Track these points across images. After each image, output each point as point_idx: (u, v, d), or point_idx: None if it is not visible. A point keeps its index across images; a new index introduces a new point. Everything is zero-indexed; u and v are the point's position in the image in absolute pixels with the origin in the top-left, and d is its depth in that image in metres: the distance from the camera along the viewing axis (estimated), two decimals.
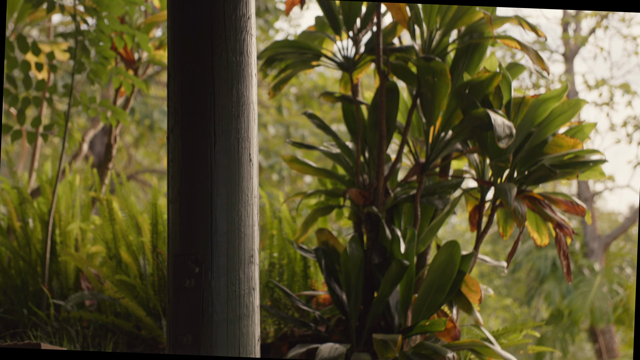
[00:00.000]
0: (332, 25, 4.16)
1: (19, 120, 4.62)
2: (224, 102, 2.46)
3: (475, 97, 3.79)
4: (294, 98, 13.81)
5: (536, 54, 3.74)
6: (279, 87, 4.23)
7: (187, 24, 2.49)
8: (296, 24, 15.16)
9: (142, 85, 4.59)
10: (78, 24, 4.46)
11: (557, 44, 14.62)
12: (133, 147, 15.40)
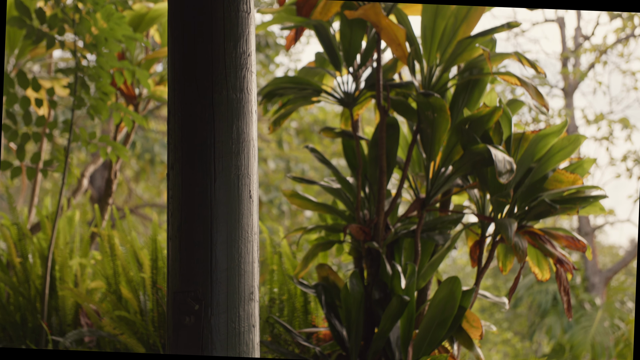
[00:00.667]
0: (332, 61, 4.17)
1: (19, 156, 4.62)
2: (224, 139, 2.46)
3: (476, 133, 3.79)
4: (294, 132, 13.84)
5: (536, 90, 3.74)
6: (279, 122, 4.23)
7: (187, 61, 2.49)
8: (296, 58, 15.24)
9: (142, 122, 4.60)
10: (78, 60, 4.47)
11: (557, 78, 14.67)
12: (133, 181, 15.41)
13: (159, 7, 5.20)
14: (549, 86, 14.54)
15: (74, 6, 4.41)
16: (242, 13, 2.50)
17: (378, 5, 3.82)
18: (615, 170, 13.37)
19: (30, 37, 4.42)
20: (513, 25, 3.84)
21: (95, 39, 4.41)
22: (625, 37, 13.65)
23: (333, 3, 4.16)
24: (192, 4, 2.50)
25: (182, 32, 2.51)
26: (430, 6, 3.93)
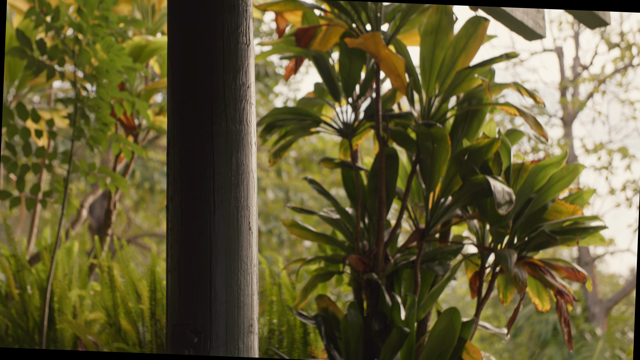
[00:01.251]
0: (331, 92, 4.18)
1: (18, 187, 4.62)
2: (224, 171, 2.46)
3: (475, 163, 3.79)
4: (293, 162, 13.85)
5: (535, 121, 3.75)
6: (279, 154, 4.24)
7: (187, 94, 2.50)
8: (296, 88, 15.28)
9: (141, 152, 4.60)
10: (78, 91, 4.48)
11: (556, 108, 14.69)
12: (133, 211, 15.40)
13: (159, 40, 5.22)
14: (548, 115, 14.57)
15: (74, 37, 4.42)
16: (241, 45, 2.51)
17: (378, 36, 3.83)
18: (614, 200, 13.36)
19: (30, 67, 4.44)
20: (511, 55, 3.85)
21: (95, 70, 4.42)
22: (623, 66, 13.69)
23: (332, 34, 4.17)
24: (191, 37, 2.50)
25: (181, 64, 2.51)
26: (429, 37, 3.95)
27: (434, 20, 3.94)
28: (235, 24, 2.50)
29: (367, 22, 4.10)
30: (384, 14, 4.15)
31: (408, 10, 4.05)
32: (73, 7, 5.23)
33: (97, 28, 4.37)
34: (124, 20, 4.53)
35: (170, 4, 2.59)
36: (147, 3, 5.62)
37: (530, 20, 4.19)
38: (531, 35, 4.29)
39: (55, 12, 4.43)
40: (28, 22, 5.03)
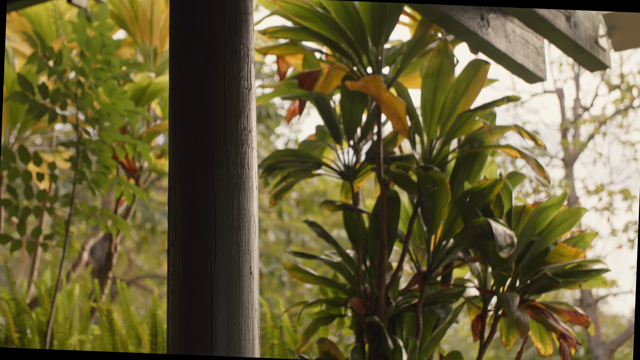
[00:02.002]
0: (332, 135, 4.18)
1: (19, 230, 4.62)
2: (225, 216, 2.46)
3: (476, 206, 3.79)
4: (294, 203, 13.84)
5: (536, 163, 3.75)
6: (280, 195, 4.24)
7: (188, 138, 2.50)
8: (297, 129, 15.30)
9: (143, 195, 4.60)
10: (80, 134, 4.49)
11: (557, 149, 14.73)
12: (134, 252, 15.37)
13: (161, 81, 5.24)
14: (549, 157, 14.59)
15: (76, 81, 4.44)
16: (243, 90, 2.51)
17: (379, 79, 3.85)
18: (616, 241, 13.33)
19: (32, 111, 4.45)
20: (512, 99, 3.86)
21: (97, 113, 4.44)
22: (624, 108, 13.73)
23: (334, 76, 4.19)
24: (193, 80, 2.51)
25: (183, 108, 2.52)
26: (430, 80, 3.96)
27: (435, 64, 3.95)
28: (236, 69, 2.51)
29: (368, 65, 4.12)
30: (385, 57, 4.17)
31: (409, 53, 4.07)
32: (76, 51, 5.26)
33: (99, 71, 4.39)
34: (126, 64, 4.56)
35: (172, 49, 2.60)
36: (150, 46, 5.65)
37: (531, 63, 4.21)
38: (532, 78, 4.31)
39: (58, 56, 4.45)
40: (31, 66, 5.06)
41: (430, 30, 4.03)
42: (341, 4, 3.98)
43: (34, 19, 5.50)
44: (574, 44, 4.09)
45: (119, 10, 5.63)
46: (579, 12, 4.12)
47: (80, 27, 4.36)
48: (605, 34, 4.29)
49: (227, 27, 2.51)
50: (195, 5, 2.54)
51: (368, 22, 4.03)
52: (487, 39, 3.97)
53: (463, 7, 3.84)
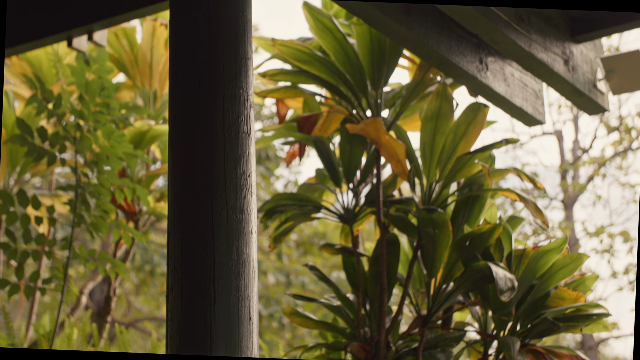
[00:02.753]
0: (332, 178, 4.18)
1: (17, 274, 4.60)
2: (224, 261, 2.44)
3: (476, 249, 3.78)
4: (294, 244, 13.81)
5: (535, 207, 3.74)
6: (280, 239, 4.22)
7: (187, 183, 2.49)
8: (297, 171, 15.30)
9: (142, 238, 4.59)
10: (79, 177, 4.49)
11: (556, 191, 14.73)
12: (133, 294, 15.32)
13: (160, 127, 5.25)
14: (549, 198, 14.58)
15: (75, 124, 4.44)
16: (242, 134, 2.51)
17: (379, 122, 3.85)
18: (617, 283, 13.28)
19: (31, 154, 4.45)
20: (511, 141, 3.86)
21: (96, 156, 4.44)
22: (623, 150, 13.75)
23: (333, 120, 4.20)
24: (192, 126, 2.51)
25: (182, 153, 2.52)
26: (429, 123, 3.96)
27: (434, 107, 3.96)
28: (236, 113, 2.51)
29: (367, 108, 4.13)
30: (384, 100, 4.18)
31: (408, 96, 4.08)
32: (75, 94, 5.27)
33: (98, 115, 4.40)
34: (126, 107, 4.57)
35: (172, 93, 2.61)
36: (149, 89, 5.67)
37: (530, 106, 4.22)
38: (531, 121, 4.32)
39: (57, 99, 4.46)
40: (30, 108, 5.07)
41: (429, 74, 4.04)
42: (341, 47, 3.99)
43: (34, 62, 5.52)
44: (573, 88, 4.10)
45: (119, 54, 5.65)
46: (577, 56, 4.13)
47: (78, 70, 4.37)
48: (603, 77, 4.30)
49: (226, 72, 2.52)
50: (195, 50, 2.54)
51: (367, 66, 4.04)
52: (486, 82, 3.98)
53: (462, 51, 3.86)
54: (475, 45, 3.94)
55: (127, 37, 5.61)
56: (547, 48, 3.90)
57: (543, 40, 3.88)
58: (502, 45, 3.77)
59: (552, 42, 3.94)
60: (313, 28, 4.01)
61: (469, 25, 3.64)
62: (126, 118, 4.60)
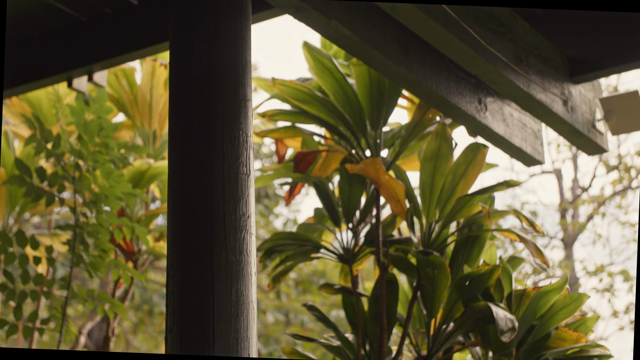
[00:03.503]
0: (331, 218, 4.18)
1: (16, 315, 4.58)
2: (223, 302, 2.43)
3: (476, 290, 3.77)
4: (293, 283, 13.77)
5: (535, 247, 3.74)
6: (279, 279, 4.21)
7: (187, 224, 2.49)
8: (296, 209, 15.28)
9: (141, 278, 4.58)
10: (77, 217, 4.48)
11: (556, 229, 14.70)
12: (131, 333, 15.25)
13: (160, 165, 5.25)
14: (549, 237, 14.56)
15: (74, 164, 4.44)
16: (242, 175, 2.51)
17: (378, 162, 3.85)
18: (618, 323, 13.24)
19: (29, 194, 4.45)
20: (512, 184, 3.86)
21: (95, 196, 4.43)
22: (622, 188, 13.75)
23: (332, 159, 4.20)
24: (191, 167, 2.51)
25: (181, 195, 2.51)
26: (428, 163, 3.97)
27: (434, 147, 3.97)
28: (235, 155, 2.51)
29: (366, 148, 4.13)
30: (383, 140, 4.19)
31: (407, 136, 4.09)
32: (74, 134, 5.28)
33: (97, 155, 4.40)
34: (125, 146, 4.57)
35: (171, 134, 2.61)
36: (149, 129, 5.68)
37: (529, 146, 4.22)
38: (530, 161, 4.32)
39: (56, 140, 4.46)
40: (30, 148, 5.07)
41: (428, 114, 4.05)
42: (340, 87, 4.01)
43: (34, 102, 5.54)
44: (572, 128, 4.11)
45: (119, 94, 5.67)
46: (575, 96, 4.14)
47: (78, 110, 4.38)
48: (602, 117, 4.31)
49: (226, 114, 2.52)
50: (194, 92, 2.55)
51: (366, 106, 4.05)
52: (485, 123, 3.99)
53: (460, 92, 3.87)
54: (474, 85, 3.96)
55: (127, 77, 5.63)
56: (546, 89, 3.91)
57: (542, 80, 3.89)
58: (500, 86, 3.78)
59: (551, 83, 3.96)
60: (313, 68, 4.02)
61: (467, 66, 3.66)
62: (125, 157, 4.60)
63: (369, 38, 3.47)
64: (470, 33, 3.49)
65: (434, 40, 3.49)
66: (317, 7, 3.25)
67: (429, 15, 3.31)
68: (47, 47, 4.33)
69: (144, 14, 4.05)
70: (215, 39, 2.59)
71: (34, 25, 4.29)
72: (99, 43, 4.21)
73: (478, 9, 3.59)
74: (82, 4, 4.12)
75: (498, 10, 3.73)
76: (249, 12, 2.71)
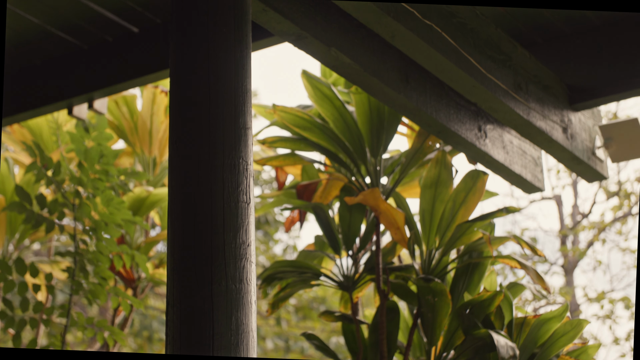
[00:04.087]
0: (331, 245, 4.18)
1: (15, 342, 4.56)
2: (223, 331, 2.43)
3: (477, 317, 3.76)
4: (293, 309, 13.73)
5: (536, 274, 3.73)
6: (278, 304, 4.20)
7: (187, 252, 2.49)
8: (296, 235, 15.27)
9: (140, 306, 4.57)
10: (77, 244, 4.48)
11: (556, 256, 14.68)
12: None
13: (160, 192, 5.25)
14: (549, 263, 14.53)
15: (74, 191, 4.45)
16: (241, 204, 2.51)
17: (377, 192, 3.86)
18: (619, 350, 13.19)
19: (29, 221, 4.44)
20: (511, 210, 3.86)
21: (95, 223, 4.43)
22: (622, 215, 13.74)
23: (332, 187, 4.20)
24: (191, 195, 2.51)
25: (181, 223, 2.51)
26: (428, 190, 3.97)
27: (434, 174, 3.97)
28: (235, 183, 2.51)
29: (366, 175, 4.13)
30: (383, 167, 4.19)
31: (407, 163, 4.09)
32: (75, 161, 5.28)
33: (97, 182, 4.40)
34: (125, 173, 4.57)
35: (171, 162, 2.61)
36: (149, 156, 5.68)
37: (529, 173, 4.23)
38: (530, 188, 4.32)
39: (57, 167, 4.47)
40: (30, 175, 5.07)
41: (428, 141, 4.06)
42: (340, 115, 4.01)
43: (35, 130, 5.55)
44: (571, 155, 4.12)
45: (119, 121, 5.68)
46: (575, 124, 4.15)
47: (78, 138, 4.39)
48: (602, 145, 4.32)
49: (226, 142, 2.52)
50: (194, 120, 2.56)
51: (366, 133, 4.06)
52: (485, 150, 3.99)
53: (460, 119, 3.88)
54: (474, 113, 3.96)
55: (127, 104, 5.64)
56: (546, 116, 3.92)
57: (541, 108, 3.90)
58: (500, 114, 3.79)
59: (551, 110, 3.96)
60: (312, 96, 4.03)
61: (467, 93, 3.66)
62: (125, 184, 4.60)
63: (369, 66, 3.48)
64: (470, 61, 3.50)
65: (433, 68, 3.50)
66: (316, 35, 3.26)
67: (429, 43, 3.32)
68: (48, 75, 4.34)
69: (144, 42, 4.06)
70: (215, 67, 2.60)
71: (35, 53, 4.30)
72: (100, 71, 4.22)
73: (478, 37, 3.60)
74: (84, 32, 4.14)
75: (497, 38, 3.74)
76: (249, 40, 2.72)
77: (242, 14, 2.68)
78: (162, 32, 4.00)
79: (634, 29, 3.95)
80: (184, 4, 2.68)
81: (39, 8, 3.97)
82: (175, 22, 2.69)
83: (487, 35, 3.67)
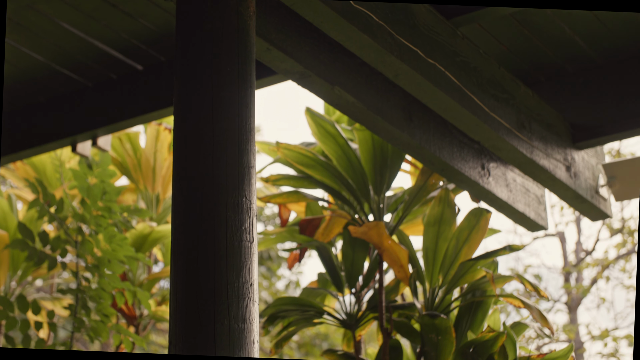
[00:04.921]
0: (334, 283, 4.16)
1: None
2: None
3: (480, 356, 3.74)
4: (295, 346, 13.69)
5: (540, 313, 3.72)
6: (281, 344, 4.18)
7: (189, 291, 2.48)
8: (298, 271, 15.25)
9: (142, 343, 4.55)
10: (79, 281, 4.47)
11: (560, 293, 14.64)
12: None
13: (162, 228, 5.25)
14: (553, 300, 14.48)
15: (77, 228, 4.44)
16: (245, 242, 2.50)
17: (381, 226, 3.85)
18: None
19: (31, 259, 4.44)
20: (515, 248, 3.85)
21: (97, 260, 4.42)
22: (626, 252, 13.71)
23: (335, 224, 4.20)
24: (194, 234, 2.50)
25: (184, 262, 2.50)
26: (432, 228, 3.96)
27: (437, 212, 3.96)
28: (238, 222, 2.50)
29: (369, 212, 4.13)
30: (386, 205, 4.19)
31: (410, 201, 4.09)
32: (77, 198, 5.29)
33: (100, 219, 4.40)
34: (128, 210, 4.57)
35: (175, 201, 2.61)
36: (152, 193, 5.68)
37: (532, 211, 4.22)
38: (533, 226, 4.31)
39: (59, 204, 4.47)
40: (33, 212, 5.08)
41: (431, 179, 4.06)
42: (343, 152, 4.02)
43: (38, 166, 5.55)
44: (575, 194, 4.11)
45: (122, 158, 5.69)
46: (578, 162, 4.15)
47: (81, 175, 4.39)
48: (605, 183, 4.31)
49: (229, 181, 2.52)
50: (198, 159, 2.56)
51: (370, 171, 4.06)
52: (488, 188, 3.99)
53: (464, 157, 3.88)
54: (477, 151, 3.96)
55: (131, 141, 5.65)
56: (549, 154, 3.92)
57: (544, 146, 3.90)
58: (503, 152, 3.79)
59: (554, 149, 3.97)
60: (316, 134, 4.04)
61: (470, 132, 3.67)
62: (128, 221, 4.60)
63: (372, 104, 3.49)
64: (473, 99, 3.51)
65: (437, 107, 3.51)
66: (320, 74, 3.27)
67: (432, 82, 3.33)
68: (52, 112, 4.35)
69: (148, 79, 4.08)
70: (219, 105, 2.60)
71: (40, 91, 4.32)
72: (104, 108, 4.23)
73: (481, 75, 3.61)
74: (88, 70, 4.16)
75: (500, 76, 3.75)
76: (253, 78, 2.73)
77: (246, 53, 2.69)
78: (166, 70, 4.02)
79: (637, 68, 3.97)
80: (189, 43, 2.69)
81: (45, 46, 4.00)
82: (180, 60, 2.70)
83: (491, 74, 3.69)
